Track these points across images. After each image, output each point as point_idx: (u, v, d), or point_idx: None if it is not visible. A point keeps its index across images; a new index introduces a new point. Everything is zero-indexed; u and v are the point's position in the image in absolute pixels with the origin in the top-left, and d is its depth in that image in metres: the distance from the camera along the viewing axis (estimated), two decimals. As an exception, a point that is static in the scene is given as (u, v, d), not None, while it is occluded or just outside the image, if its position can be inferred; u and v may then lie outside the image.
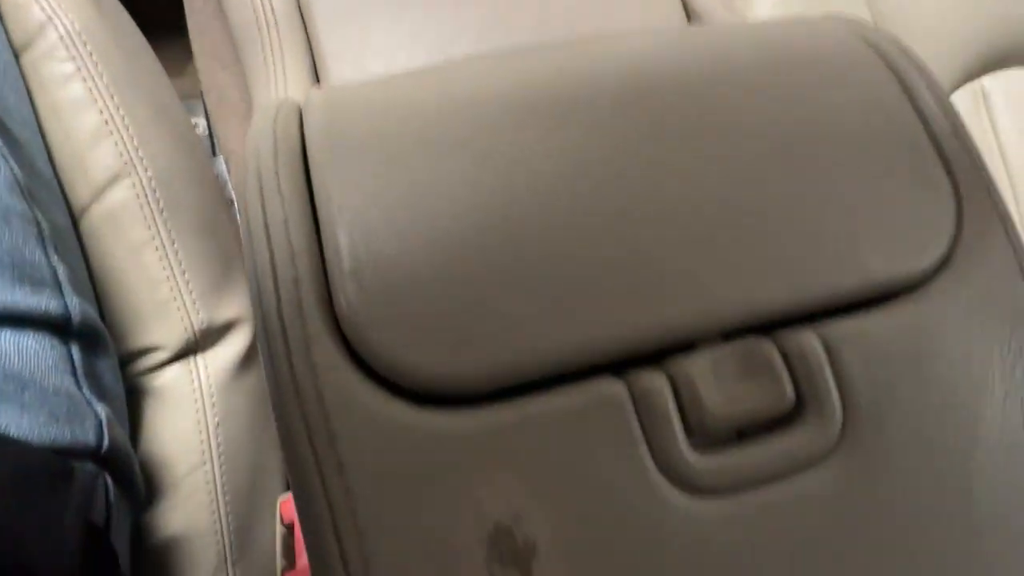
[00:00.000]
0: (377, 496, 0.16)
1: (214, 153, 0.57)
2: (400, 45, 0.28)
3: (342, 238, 0.18)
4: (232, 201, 0.53)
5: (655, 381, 0.18)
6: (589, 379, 0.18)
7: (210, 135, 0.58)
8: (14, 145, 0.30)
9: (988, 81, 0.58)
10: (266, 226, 0.18)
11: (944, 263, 0.20)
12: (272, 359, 0.17)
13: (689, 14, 0.32)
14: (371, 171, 0.19)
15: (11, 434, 0.28)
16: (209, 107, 0.46)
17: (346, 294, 0.17)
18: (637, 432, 0.17)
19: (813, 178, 0.20)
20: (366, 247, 0.18)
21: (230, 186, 0.51)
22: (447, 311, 0.17)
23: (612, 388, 0.17)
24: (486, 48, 0.29)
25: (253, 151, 0.19)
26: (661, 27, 0.29)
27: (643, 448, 0.17)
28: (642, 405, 0.17)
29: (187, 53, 0.65)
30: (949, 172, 0.21)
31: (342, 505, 0.16)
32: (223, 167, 0.50)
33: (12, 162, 0.29)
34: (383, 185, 0.19)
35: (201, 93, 0.59)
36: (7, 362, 0.28)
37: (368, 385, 0.17)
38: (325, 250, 0.18)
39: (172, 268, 0.36)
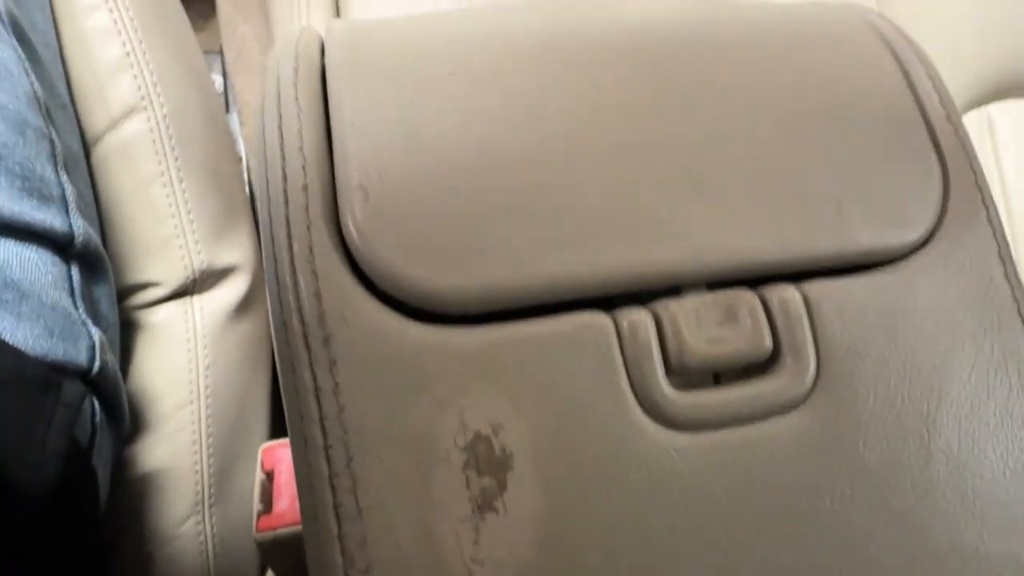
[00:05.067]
0: (365, 396, 0.17)
1: (228, 109, 0.58)
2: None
3: (352, 152, 0.18)
4: (241, 157, 0.53)
5: (640, 316, 0.18)
6: (578, 311, 0.18)
7: (225, 91, 0.58)
8: (37, 63, 0.30)
9: (995, 109, 0.59)
10: (281, 134, 0.18)
11: (927, 240, 0.21)
12: (276, 262, 0.18)
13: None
14: (385, 94, 0.19)
15: (7, 341, 0.28)
16: (228, 61, 0.47)
17: (352, 206, 0.18)
18: (619, 362, 0.18)
19: (809, 144, 0.21)
20: (375, 163, 0.18)
21: (241, 141, 0.52)
22: (447, 232, 0.18)
23: (599, 319, 0.18)
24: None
25: (274, 66, 0.20)
26: None
27: (623, 378, 0.18)
28: (626, 338, 0.18)
29: (209, 8, 0.66)
30: (939, 155, 0.22)
31: (331, 402, 0.17)
32: (236, 123, 0.51)
33: (33, 77, 0.29)
34: (395, 108, 0.19)
35: (220, 49, 0.60)
36: (8, 270, 0.28)
37: (365, 294, 0.17)
38: (335, 162, 0.18)
39: (178, 206, 0.37)
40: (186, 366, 0.38)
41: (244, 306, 0.41)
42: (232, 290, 0.40)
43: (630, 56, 0.21)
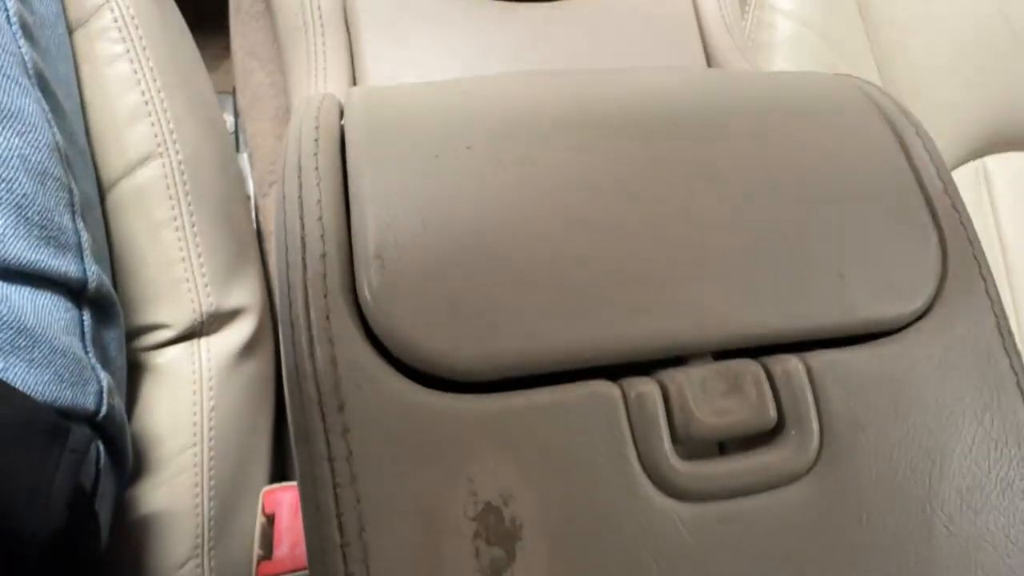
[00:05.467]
0: (378, 464, 0.17)
1: (238, 149, 0.59)
2: (436, 58, 0.30)
3: (370, 222, 0.19)
4: (250, 196, 0.54)
5: (647, 387, 0.19)
6: (586, 379, 0.19)
7: (236, 131, 0.59)
8: (60, 113, 0.31)
9: (991, 162, 0.60)
10: (301, 203, 0.19)
11: (926, 311, 0.21)
12: (292, 327, 0.18)
13: (709, 60, 0.33)
14: (403, 166, 0.20)
15: (17, 387, 0.28)
16: (242, 104, 0.48)
17: (368, 274, 0.18)
18: (626, 432, 0.18)
19: (810, 217, 0.21)
20: (392, 233, 0.19)
21: (250, 182, 0.53)
22: (460, 302, 0.18)
23: (607, 389, 0.18)
24: (516, 69, 0.31)
25: (295, 134, 0.21)
26: (682, 66, 0.31)
27: (631, 449, 0.18)
28: (634, 407, 0.18)
29: (223, 50, 0.67)
30: (937, 226, 0.22)
31: (344, 469, 0.17)
32: (246, 163, 0.52)
33: (56, 128, 0.30)
34: (413, 180, 0.20)
35: (232, 90, 0.61)
36: (23, 317, 0.29)
37: (380, 361, 0.18)
38: (353, 231, 0.19)
39: (189, 249, 0.37)
40: (190, 408, 0.38)
41: (250, 348, 0.41)
42: (239, 332, 0.41)
43: (636, 131, 0.22)
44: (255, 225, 0.51)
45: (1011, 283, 0.57)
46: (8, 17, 0.29)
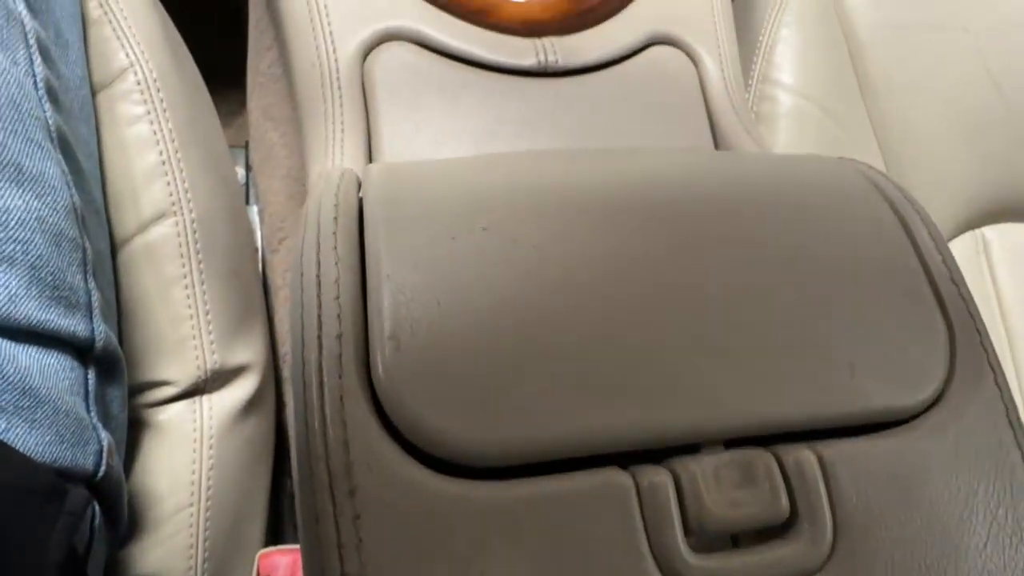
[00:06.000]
0: (388, 552, 0.17)
1: (248, 201, 0.60)
2: (450, 130, 0.30)
3: (387, 303, 0.19)
4: (258, 248, 0.55)
5: (660, 476, 0.18)
6: (598, 467, 0.18)
7: (246, 184, 0.60)
8: (79, 174, 0.31)
9: (989, 231, 0.61)
10: (319, 282, 0.19)
11: (935, 401, 0.21)
12: (306, 408, 0.18)
13: (716, 137, 0.34)
14: (420, 246, 0.20)
15: (17, 448, 0.28)
16: (256, 161, 0.49)
17: (383, 356, 0.18)
18: (639, 524, 0.18)
19: (820, 305, 0.21)
20: (408, 314, 0.19)
21: (259, 234, 0.53)
22: (472, 387, 0.18)
23: (619, 478, 0.18)
24: (526, 146, 0.31)
25: (315, 211, 0.21)
26: (690, 147, 0.32)
27: (643, 541, 0.18)
28: (646, 498, 0.18)
29: (237, 105, 0.69)
30: (945, 317, 0.23)
31: (354, 558, 0.17)
32: (255, 216, 0.52)
33: (74, 190, 0.30)
34: (430, 261, 0.20)
35: (245, 144, 0.63)
36: (29, 378, 0.29)
37: (392, 444, 0.18)
38: (369, 311, 0.19)
39: (197, 307, 0.37)
40: (189, 467, 0.38)
41: (251, 405, 0.41)
42: (241, 389, 0.40)
43: (648, 215, 0.22)
44: (262, 279, 0.52)
45: (1013, 354, 0.57)
46: (36, 82, 0.30)
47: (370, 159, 0.30)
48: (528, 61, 0.32)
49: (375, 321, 0.19)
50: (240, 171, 0.61)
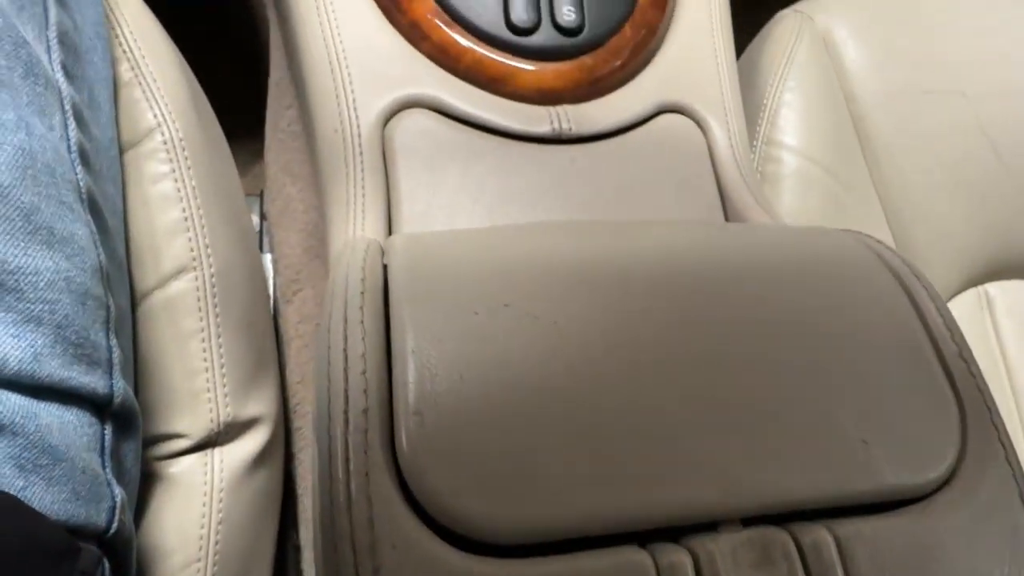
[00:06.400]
0: (411, 633, 0.17)
1: (262, 249, 0.61)
2: (467, 197, 0.31)
3: (411, 378, 0.20)
4: (271, 296, 0.56)
5: (679, 556, 0.19)
6: (618, 545, 0.19)
7: (261, 231, 0.62)
8: (105, 233, 0.32)
9: (992, 287, 0.62)
10: (345, 356, 0.20)
11: (948, 479, 0.22)
12: (331, 482, 0.18)
13: (725, 205, 0.35)
14: (442, 319, 0.21)
15: (33, 506, 0.28)
16: (273, 213, 0.50)
17: (408, 431, 0.19)
18: (658, 604, 0.18)
19: (832, 383, 0.22)
20: (432, 389, 0.19)
21: (271, 283, 0.54)
22: (494, 464, 0.19)
23: (639, 558, 0.19)
24: (540, 210, 0.32)
25: (342, 284, 0.22)
26: (700, 220, 0.32)
27: (663, 620, 0.18)
28: (665, 578, 0.18)
29: (253, 155, 0.70)
30: (955, 392, 0.23)
31: (376, 637, 0.17)
32: (269, 264, 0.53)
33: (101, 250, 0.31)
34: (451, 333, 0.21)
35: (260, 192, 0.64)
36: (48, 435, 0.29)
37: (416, 522, 0.18)
38: (394, 386, 0.20)
39: (212, 360, 0.38)
40: (198, 521, 0.38)
41: (261, 458, 0.41)
42: (253, 441, 0.41)
43: (663, 289, 0.23)
44: (274, 331, 0.52)
45: (1019, 411, 0.57)
46: (70, 146, 0.31)
47: (389, 222, 0.31)
48: (543, 128, 0.34)
49: (400, 394, 0.19)
50: (255, 219, 0.63)
